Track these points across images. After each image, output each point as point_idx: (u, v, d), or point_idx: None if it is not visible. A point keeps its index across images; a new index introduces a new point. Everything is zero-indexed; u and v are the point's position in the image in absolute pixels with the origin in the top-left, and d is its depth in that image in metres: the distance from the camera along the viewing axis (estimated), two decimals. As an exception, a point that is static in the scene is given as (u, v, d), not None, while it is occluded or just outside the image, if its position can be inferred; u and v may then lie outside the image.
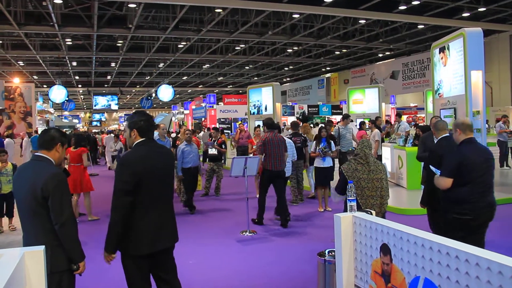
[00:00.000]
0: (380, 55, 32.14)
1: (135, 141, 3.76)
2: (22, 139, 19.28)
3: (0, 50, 25.06)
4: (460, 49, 10.37)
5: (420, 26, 23.25)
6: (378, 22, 22.80)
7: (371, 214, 3.76)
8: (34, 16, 20.05)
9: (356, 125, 15.07)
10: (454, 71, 10.76)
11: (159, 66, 32.97)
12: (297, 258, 6.51)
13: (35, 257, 2.66)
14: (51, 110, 45.48)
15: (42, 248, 2.74)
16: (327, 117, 24.81)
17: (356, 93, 19.96)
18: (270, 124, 8.92)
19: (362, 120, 14.45)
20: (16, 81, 23.30)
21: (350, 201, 3.65)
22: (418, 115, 27.93)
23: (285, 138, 9.33)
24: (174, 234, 3.87)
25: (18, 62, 29.91)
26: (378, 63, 33.72)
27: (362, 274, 3.47)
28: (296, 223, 8.76)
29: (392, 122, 15.92)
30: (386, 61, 32.85)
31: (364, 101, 19.42)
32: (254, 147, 11.67)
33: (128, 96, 54.72)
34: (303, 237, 7.76)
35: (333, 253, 3.99)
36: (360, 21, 22.09)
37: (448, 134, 5.78)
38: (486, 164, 4.48)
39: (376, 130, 12.66)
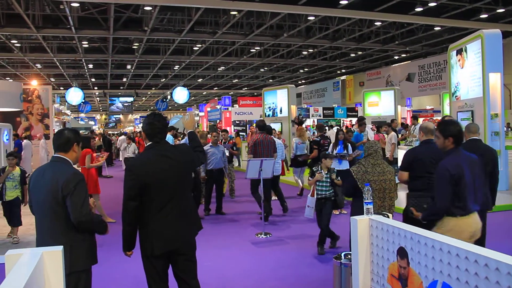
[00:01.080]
0: (396, 57, 31.92)
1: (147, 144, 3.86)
2: (40, 141, 19.50)
3: (19, 53, 25.41)
4: (478, 51, 10.26)
5: (437, 28, 23.06)
6: (394, 24, 22.65)
7: (388, 217, 3.73)
8: (51, 19, 20.31)
9: (371, 128, 14.95)
10: (472, 73, 10.64)
11: (174, 68, 33.14)
12: (312, 261, 6.48)
13: (54, 257, 2.68)
14: (68, 112, 46.00)
15: (60, 248, 2.76)
16: (346, 125, 24.73)
17: (371, 96, 19.84)
18: (262, 126, 9.52)
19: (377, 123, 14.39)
20: (34, 84, 23.57)
21: (367, 204, 3.62)
22: (434, 118, 27.67)
23: (274, 139, 9.72)
24: (189, 236, 3.87)
25: (36, 65, 30.30)
26: (394, 65, 33.48)
27: (379, 277, 3.44)
28: (311, 225, 8.72)
29: (409, 125, 15.80)
30: (402, 63, 32.61)
31: (380, 104, 19.29)
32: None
33: (143, 98, 55.07)
34: (316, 239, 7.71)
35: (349, 256, 3.96)
36: (376, 23, 21.96)
37: (477, 138, 5.72)
38: (435, 161, 4.67)
39: (393, 133, 12.58)
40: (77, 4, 17.82)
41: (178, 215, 3.77)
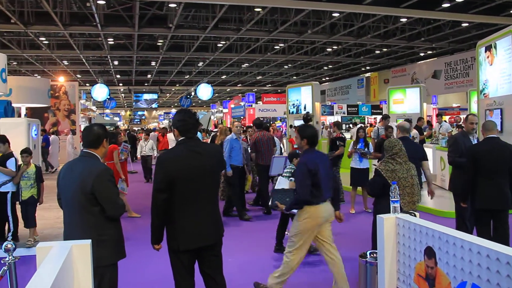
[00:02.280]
0: (422, 54, 31.44)
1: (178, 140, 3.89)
2: (67, 136, 19.85)
3: (47, 50, 25.86)
4: (508, 48, 10.01)
5: (465, 24, 22.59)
6: (420, 20, 22.29)
7: (415, 216, 3.69)
8: (78, 16, 20.60)
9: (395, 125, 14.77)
10: (502, 71, 10.40)
11: (198, 65, 33.28)
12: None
13: (83, 250, 2.74)
14: (93, 108, 46.67)
15: (89, 242, 2.82)
16: (371, 122, 24.44)
17: (396, 93, 19.59)
18: (259, 124, 10.34)
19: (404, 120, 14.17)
20: (61, 80, 24.00)
21: (394, 202, 3.58)
22: (460, 116, 27.21)
23: (274, 136, 10.51)
24: (216, 232, 3.89)
25: (63, 62, 30.79)
26: (419, 62, 32.99)
27: (405, 277, 3.40)
28: (336, 223, 8.67)
29: (434, 123, 15.55)
30: (428, 60, 32.10)
31: (405, 101, 19.02)
32: (295, 146, 11.60)
33: (167, 94, 55.49)
34: (339, 237, 7.66)
35: (375, 254, 3.93)
36: (401, 20, 21.65)
37: (496, 136, 5.61)
38: (415, 155, 6.22)
39: (415, 131, 12.42)
40: (103, 2, 18.06)
41: (205, 211, 3.79)
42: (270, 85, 47.99)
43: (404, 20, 21.64)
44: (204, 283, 3.95)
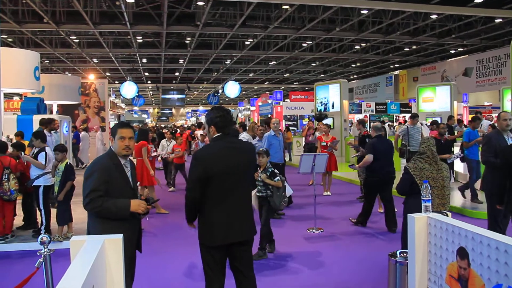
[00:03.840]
0: (452, 51, 30.85)
1: (213, 136, 3.89)
2: (96, 133, 20.18)
3: (77, 49, 26.35)
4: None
5: (498, 20, 22.06)
6: (451, 17, 21.85)
7: (447, 215, 3.62)
8: (108, 15, 20.94)
9: (427, 124, 14.55)
10: (536, 68, 10.13)
11: (226, 62, 33.40)
12: (365, 258, 6.39)
13: (115, 244, 2.78)
14: (122, 105, 47.33)
15: (120, 236, 2.86)
16: (400, 121, 24.10)
17: (426, 91, 19.32)
18: (268, 123, 11.11)
19: (434, 119, 13.95)
20: (91, 78, 24.41)
21: (425, 201, 3.52)
22: (492, 115, 26.59)
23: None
24: (249, 228, 3.90)
25: (93, 60, 31.32)
26: (450, 59, 32.38)
27: (436, 277, 3.34)
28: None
29: (465, 122, 15.23)
30: (459, 57, 31.46)
31: (435, 99, 18.75)
32: (322, 144, 11.54)
33: (195, 92, 55.86)
34: (367, 236, 7.62)
35: (405, 254, 3.87)
36: (431, 16, 21.27)
37: None
38: (389, 150, 8.30)
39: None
40: (132, 0, 18.31)
41: (239, 207, 3.81)
42: (297, 82, 47.82)
43: (434, 16, 21.26)
44: (235, 279, 3.95)
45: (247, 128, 10.90)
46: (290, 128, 22.87)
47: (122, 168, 3.72)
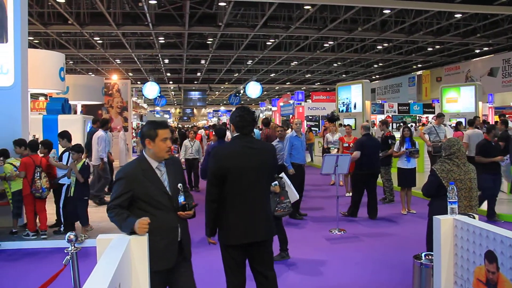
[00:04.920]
0: (477, 51, 30.32)
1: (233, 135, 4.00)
2: (119, 133, 20.38)
3: (100, 49, 26.69)
4: None
5: (525, 19, 21.63)
6: (476, 15, 21.48)
7: (474, 218, 3.56)
8: (130, 16, 21.16)
9: (451, 125, 14.34)
10: None
11: (247, 63, 33.44)
12: (388, 260, 6.33)
13: (140, 243, 2.81)
14: (144, 105, 47.77)
15: (146, 235, 2.88)
16: (423, 121, 23.76)
17: (450, 91, 19.01)
18: (267, 123, 12.36)
19: (459, 120, 13.75)
20: (114, 78, 24.70)
21: (451, 203, 3.47)
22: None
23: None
24: (266, 229, 3.89)
25: (116, 60, 31.67)
26: (474, 59, 31.84)
27: (463, 281, 3.29)
28: (383, 224, 8.58)
29: (492, 123, 14.94)
30: (484, 57, 30.92)
31: (459, 100, 18.44)
32: (345, 145, 11.47)
33: (216, 92, 56.05)
34: (390, 238, 7.55)
35: (430, 256, 3.82)
36: (455, 15, 20.94)
37: None
38: (376, 147, 9.29)
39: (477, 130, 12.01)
40: (154, 2, 18.47)
41: (258, 207, 3.83)
42: (319, 83, 47.61)
43: (458, 15, 20.94)
44: (255, 280, 3.96)
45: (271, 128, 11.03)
46: (312, 128, 22.76)
47: (153, 172, 3.38)
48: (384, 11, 19.96)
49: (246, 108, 4.05)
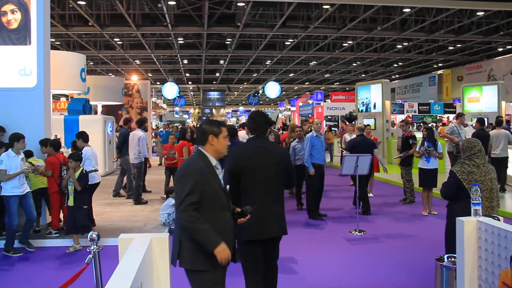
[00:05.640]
0: (500, 49, 29.81)
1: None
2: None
3: (120, 50, 26.95)
4: None
5: (549, 16, 21.18)
6: (499, 13, 21.10)
7: (499, 220, 3.50)
8: (150, 17, 21.33)
9: (472, 125, 14.12)
10: None
11: (266, 63, 33.43)
12: (409, 262, 6.26)
13: (161, 243, 2.83)
14: (164, 105, 48.10)
15: (166, 235, 2.90)
16: (443, 121, 23.49)
17: (472, 91, 18.75)
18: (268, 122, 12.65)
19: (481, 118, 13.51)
20: (134, 79, 24.91)
21: (475, 205, 3.42)
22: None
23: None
24: (280, 226, 4.11)
25: (135, 61, 31.95)
26: (497, 58, 31.29)
27: (488, 284, 3.23)
28: (403, 225, 8.50)
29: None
30: (507, 55, 30.39)
31: (481, 99, 18.16)
32: None
33: (235, 92, 56.20)
34: (410, 239, 7.47)
35: (453, 258, 3.77)
36: (477, 13, 20.61)
37: None
38: (370, 147, 9.45)
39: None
40: (173, 2, 18.60)
41: (270, 205, 4.04)
42: (338, 83, 47.36)
43: (481, 13, 20.60)
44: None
45: (289, 129, 10.95)
46: (332, 128, 22.65)
47: (214, 170, 3.36)
48: (404, 10, 19.75)
49: (259, 112, 4.44)
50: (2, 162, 6.72)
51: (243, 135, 10.77)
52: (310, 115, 31.27)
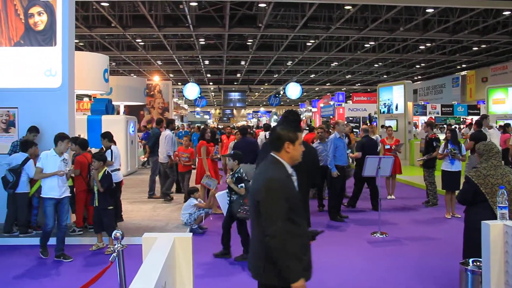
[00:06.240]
0: (526, 50, 29.31)
1: None
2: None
3: (142, 51, 27.21)
4: None
5: None
6: (525, 13, 20.74)
7: (524, 224, 3.42)
8: (171, 18, 21.48)
9: (497, 127, 13.89)
10: None
11: (287, 64, 33.36)
12: (432, 265, 6.18)
13: (184, 243, 2.84)
14: (185, 106, 48.42)
15: (190, 235, 2.91)
16: (466, 123, 23.14)
17: (497, 92, 18.46)
18: (267, 127, 13.71)
19: (506, 122, 13.31)
20: (156, 79, 25.13)
21: (501, 208, 3.36)
22: None
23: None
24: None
25: (157, 62, 32.20)
26: (523, 59, 30.76)
27: (514, 289, 3.17)
28: (426, 228, 8.40)
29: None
30: (534, 56, 29.85)
31: (507, 101, 17.85)
32: (386, 146, 11.32)
33: (256, 93, 56.24)
34: (433, 242, 7.37)
35: (478, 263, 3.70)
36: (504, 13, 20.22)
37: None
38: (375, 148, 10.17)
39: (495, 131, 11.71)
40: (195, 3, 18.69)
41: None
42: (359, 84, 47.04)
43: (507, 13, 20.21)
44: None
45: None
46: (353, 130, 22.53)
47: (292, 180, 3.12)
48: (427, 10, 19.50)
49: (292, 111, 4.54)
50: (40, 160, 6.62)
51: (262, 136, 10.85)
52: (331, 116, 31.13)
